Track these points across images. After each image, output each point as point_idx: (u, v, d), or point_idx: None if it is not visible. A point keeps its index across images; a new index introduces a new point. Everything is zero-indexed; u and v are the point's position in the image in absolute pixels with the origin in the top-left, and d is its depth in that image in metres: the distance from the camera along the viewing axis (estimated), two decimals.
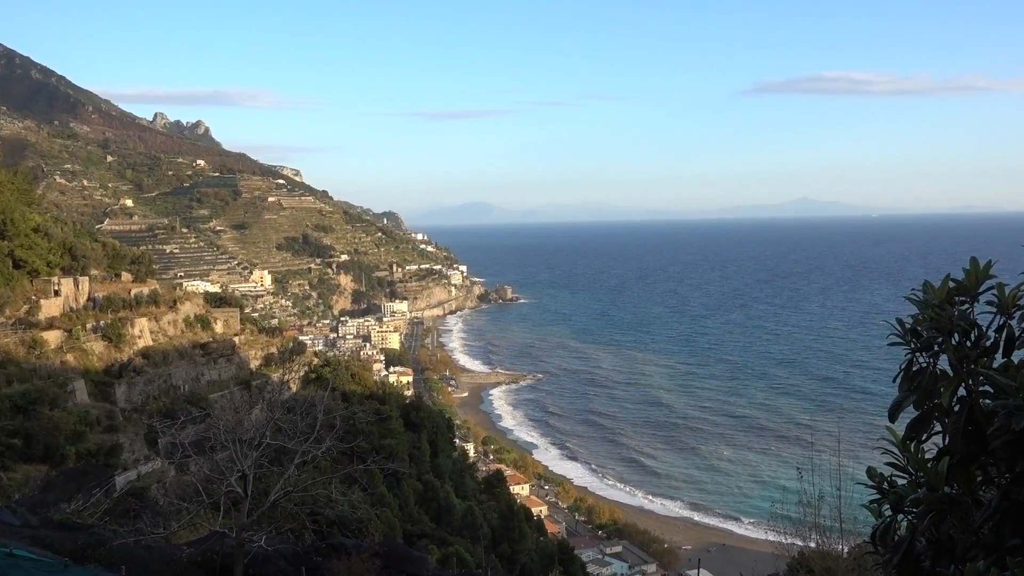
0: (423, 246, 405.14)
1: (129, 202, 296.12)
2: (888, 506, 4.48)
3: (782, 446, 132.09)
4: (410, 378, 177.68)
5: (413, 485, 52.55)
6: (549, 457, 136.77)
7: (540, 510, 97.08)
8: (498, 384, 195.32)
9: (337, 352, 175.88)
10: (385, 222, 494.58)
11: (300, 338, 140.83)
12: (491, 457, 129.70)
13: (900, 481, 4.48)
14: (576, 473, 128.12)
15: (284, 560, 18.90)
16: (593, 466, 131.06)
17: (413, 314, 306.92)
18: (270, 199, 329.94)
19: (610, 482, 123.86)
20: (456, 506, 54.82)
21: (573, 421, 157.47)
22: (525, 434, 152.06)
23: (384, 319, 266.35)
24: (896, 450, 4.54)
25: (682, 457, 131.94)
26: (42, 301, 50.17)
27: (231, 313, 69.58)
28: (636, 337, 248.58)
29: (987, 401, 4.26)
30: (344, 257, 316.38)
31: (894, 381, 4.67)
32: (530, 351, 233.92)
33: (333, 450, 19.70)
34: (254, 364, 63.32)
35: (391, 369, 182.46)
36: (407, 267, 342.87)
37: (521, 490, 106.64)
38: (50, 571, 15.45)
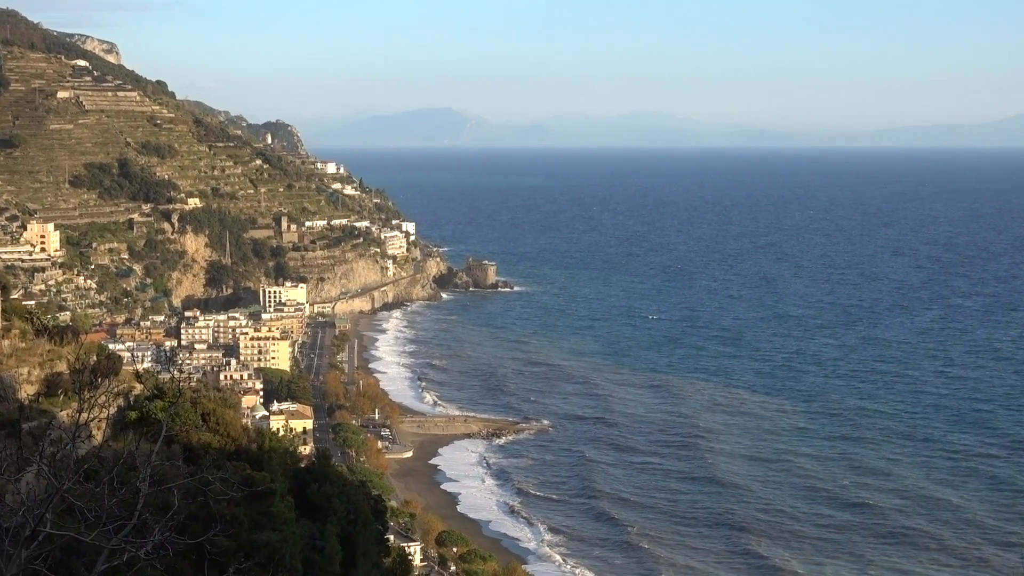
0: (337, 186, 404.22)
1: None
2: None
3: (954, 567, 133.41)
4: (309, 423, 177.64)
5: None
6: (553, 570, 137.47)
7: None
8: (464, 437, 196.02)
9: (179, 374, 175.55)
10: (270, 141, 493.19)
11: (112, 347, 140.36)
12: (453, 567, 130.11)
13: None
14: None
15: None
16: None
17: (318, 308, 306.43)
18: (61, 95, 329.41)
19: None
20: None
21: (586, 510, 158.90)
22: (511, 527, 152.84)
23: (265, 316, 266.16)
24: None
25: None
26: None
27: None
28: (696, 361, 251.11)
29: None
30: (194, 202, 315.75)
31: None
32: (518, 382, 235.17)
33: (168, 549, 19.86)
34: (27, 392, 63.13)
35: (275, 407, 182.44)
36: (308, 223, 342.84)
37: None
38: None
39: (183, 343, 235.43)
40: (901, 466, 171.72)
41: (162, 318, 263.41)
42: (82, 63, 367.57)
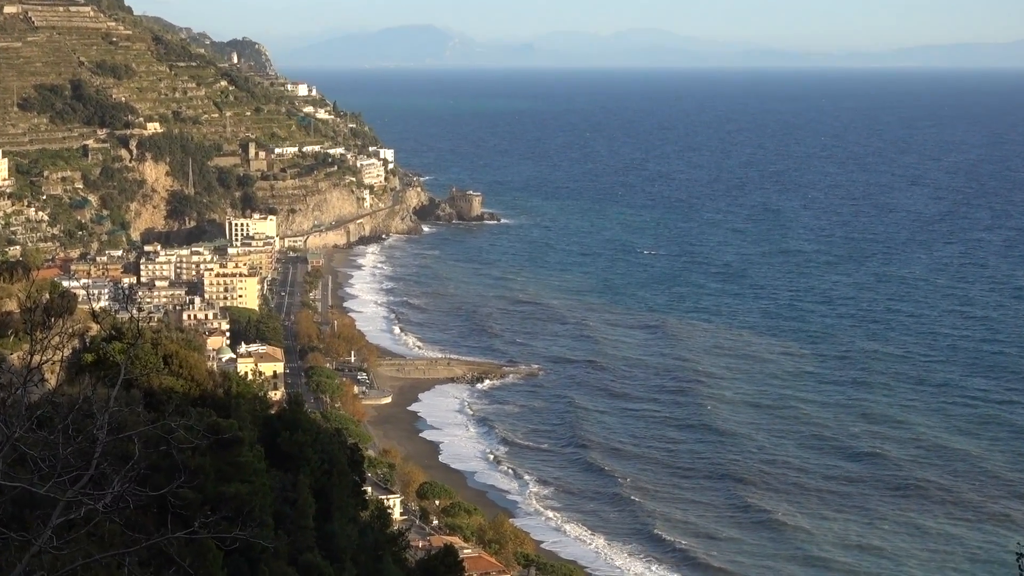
0: (309, 110, 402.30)
1: None
2: None
3: (971, 521, 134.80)
4: (280, 367, 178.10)
5: (282, 573, 53.23)
6: (542, 524, 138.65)
7: None
8: (447, 382, 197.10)
9: (138, 313, 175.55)
10: (236, 61, 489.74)
11: (66, 284, 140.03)
12: (435, 521, 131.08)
13: None
14: (591, 557, 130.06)
15: None
16: (621, 545, 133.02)
17: (289, 242, 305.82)
18: (8, 10, 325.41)
19: (659, 571, 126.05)
20: None
21: (576, 461, 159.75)
22: (497, 479, 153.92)
23: (231, 251, 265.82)
24: None
25: (767, 538, 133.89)
26: None
27: None
28: (695, 300, 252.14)
29: None
30: (154, 127, 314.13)
31: None
32: (504, 322, 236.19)
33: (128, 502, 19.98)
34: None
35: (243, 349, 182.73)
36: (278, 150, 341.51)
37: None
38: None
39: (143, 280, 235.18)
40: (915, 413, 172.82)
41: (120, 253, 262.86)
42: None
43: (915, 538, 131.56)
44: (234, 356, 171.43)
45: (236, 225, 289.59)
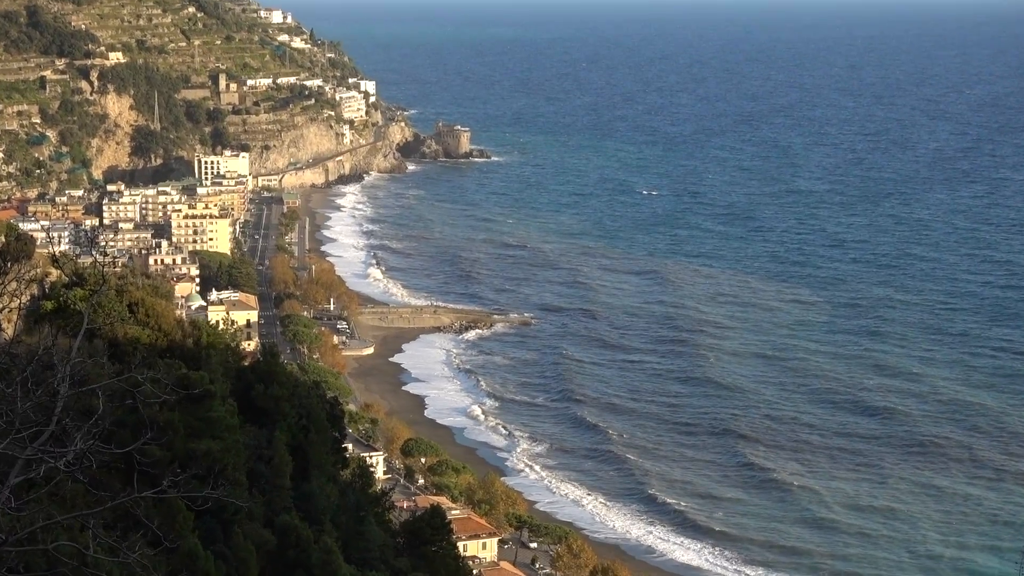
0: (284, 38, 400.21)
1: None
2: None
3: (989, 479, 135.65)
4: (254, 315, 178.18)
5: (257, 535, 53.43)
6: (535, 484, 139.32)
7: None
8: (433, 331, 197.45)
9: (101, 258, 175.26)
10: None
11: (23, 226, 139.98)
12: (421, 480, 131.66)
13: None
14: (588, 519, 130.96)
15: None
16: (620, 507, 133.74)
17: (263, 181, 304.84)
18: None
19: (658, 534, 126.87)
20: None
21: (569, 416, 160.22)
22: (486, 435, 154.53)
23: (200, 190, 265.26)
24: None
25: (772, 499, 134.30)
26: None
27: None
28: (698, 244, 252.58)
29: None
30: (116, 57, 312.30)
31: None
32: (493, 268, 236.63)
33: (91, 459, 20.04)
34: None
35: (214, 296, 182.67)
36: (251, 82, 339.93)
37: (483, 549, 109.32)
38: None
39: (106, 222, 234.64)
40: (932, 365, 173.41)
41: (81, 193, 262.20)
42: None
43: (931, 499, 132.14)
44: (204, 304, 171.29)
45: (206, 163, 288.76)
